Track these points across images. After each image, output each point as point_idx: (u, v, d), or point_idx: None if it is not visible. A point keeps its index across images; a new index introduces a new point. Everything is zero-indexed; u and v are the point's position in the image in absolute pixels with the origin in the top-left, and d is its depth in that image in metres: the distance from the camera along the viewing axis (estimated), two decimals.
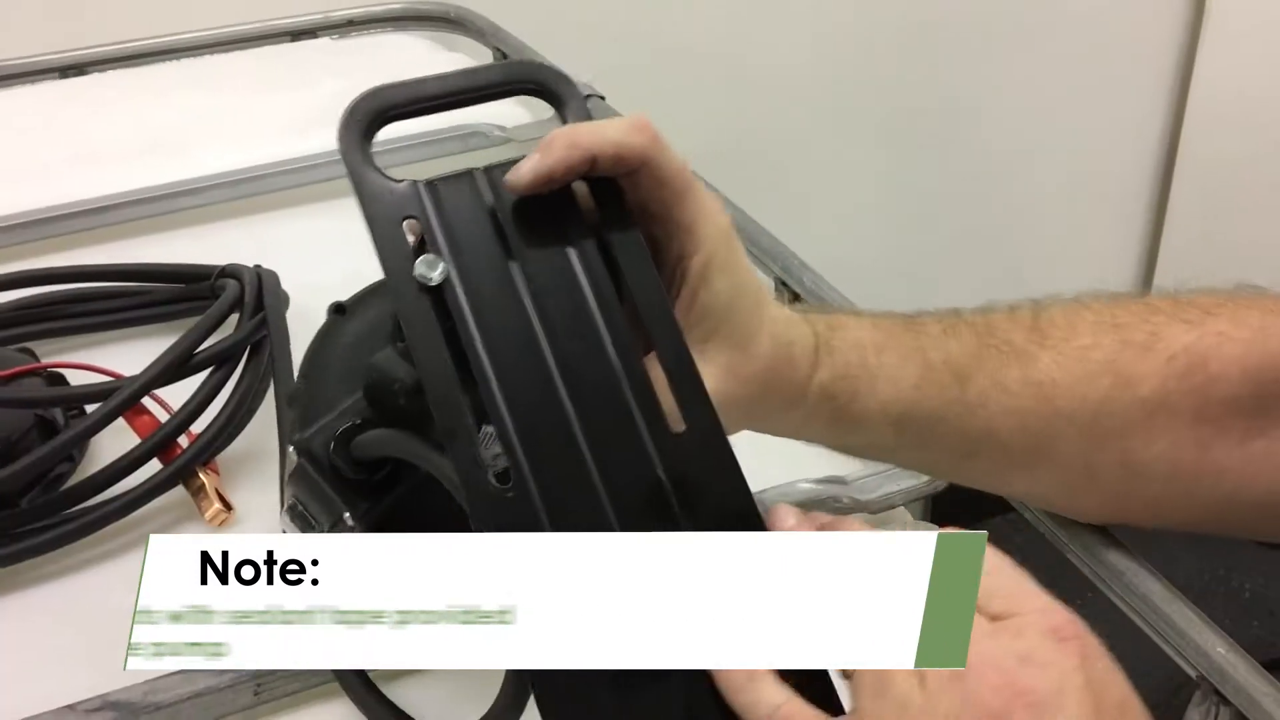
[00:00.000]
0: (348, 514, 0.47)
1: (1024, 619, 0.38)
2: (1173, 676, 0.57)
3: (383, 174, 0.44)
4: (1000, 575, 0.40)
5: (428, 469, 0.44)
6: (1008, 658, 0.37)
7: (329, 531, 0.48)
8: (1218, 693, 0.49)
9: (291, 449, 0.48)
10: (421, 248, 0.44)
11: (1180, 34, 1.66)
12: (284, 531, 0.49)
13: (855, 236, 1.63)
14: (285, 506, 0.49)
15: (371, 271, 0.43)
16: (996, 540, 0.62)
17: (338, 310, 0.55)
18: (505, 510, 0.40)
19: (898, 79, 1.58)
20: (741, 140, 1.50)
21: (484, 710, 0.45)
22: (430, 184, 0.45)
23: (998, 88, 1.64)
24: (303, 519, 0.48)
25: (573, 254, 0.44)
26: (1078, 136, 1.70)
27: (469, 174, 0.46)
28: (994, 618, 0.38)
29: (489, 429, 0.41)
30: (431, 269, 0.43)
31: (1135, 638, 0.53)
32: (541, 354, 0.42)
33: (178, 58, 1.03)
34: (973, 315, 0.52)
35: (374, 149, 0.45)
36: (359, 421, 0.48)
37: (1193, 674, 0.50)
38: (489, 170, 0.46)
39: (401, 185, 0.44)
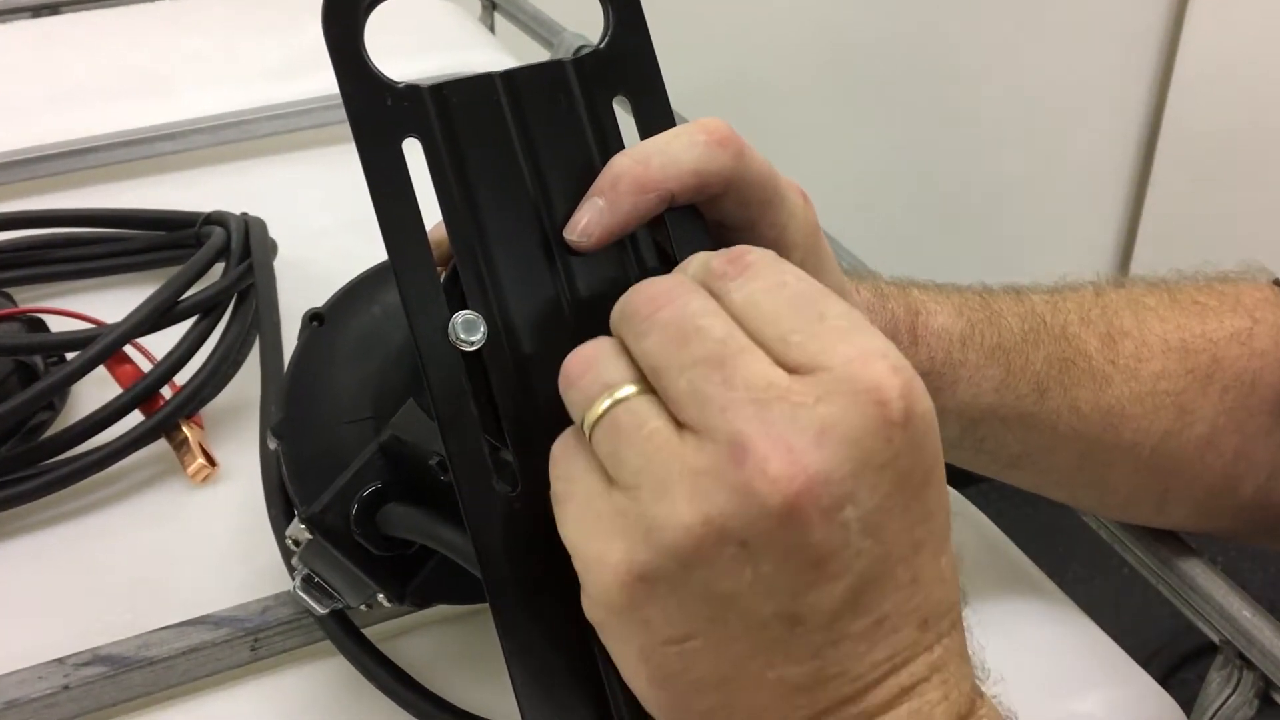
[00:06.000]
0: (380, 595, 0.43)
1: (830, 375, 0.30)
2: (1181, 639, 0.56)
3: (375, 70, 0.35)
4: (803, 300, 0.32)
5: (467, 567, 0.38)
6: (801, 433, 0.29)
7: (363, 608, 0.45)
8: (1242, 657, 0.48)
9: (300, 524, 0.42)
10: (454, 276, 0.36)
11: (1166, 3, 1.65)
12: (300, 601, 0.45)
13: (833, 206, 1.62)
14: (298, 581, 0.44)
15: (363, 219, 0.35)
16: (983, 505, 0.61)
17: (315, 319, 0.48)
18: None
19: (879, 50, 1.56)
20: (731, 104, 1.48)
21: (476, 664, 0.42)
22: (437, 91, 0.36)
23: (980, 60, 1.63)
24: (322, 591, 0.44)
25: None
26: (1059, 110, 1.69)
27: (488, 79, 0.36)
28: (792, 369, 0.31)
29: None
30: (471, 333, 0.35)
31: (1154, 600, 0.52)
32: None
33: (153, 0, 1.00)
34: (1044, 308, 0.50)
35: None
36: (379, 486, 0.42)
37: (1216, 638, 0.49)
38: (510, 77, 0.37)
39: (400, 89, 0.35)
